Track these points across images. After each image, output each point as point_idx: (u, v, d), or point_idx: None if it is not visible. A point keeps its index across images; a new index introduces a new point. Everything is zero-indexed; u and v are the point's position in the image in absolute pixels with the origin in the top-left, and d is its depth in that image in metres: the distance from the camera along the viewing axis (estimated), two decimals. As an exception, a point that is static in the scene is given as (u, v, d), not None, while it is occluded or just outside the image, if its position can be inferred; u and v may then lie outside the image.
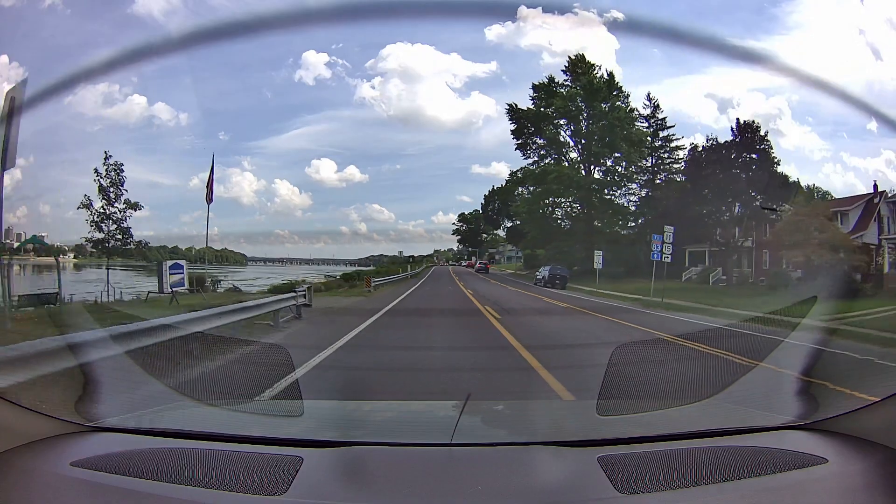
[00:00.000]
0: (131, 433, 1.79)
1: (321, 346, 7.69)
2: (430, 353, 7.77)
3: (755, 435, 1.77)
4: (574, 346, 8.60)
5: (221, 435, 1.77)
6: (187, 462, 1.50)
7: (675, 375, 5.47)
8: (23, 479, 1.42)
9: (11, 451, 1.53)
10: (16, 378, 3.60)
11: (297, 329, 10.27)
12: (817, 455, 1.53)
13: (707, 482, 1.41)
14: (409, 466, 1.52)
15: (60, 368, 3.99)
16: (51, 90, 5.42)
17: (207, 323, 7.41)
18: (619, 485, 1.38)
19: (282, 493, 1.35)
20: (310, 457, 1.53)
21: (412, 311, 14.30)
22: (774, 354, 7.52)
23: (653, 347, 7.86)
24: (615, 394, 2.61)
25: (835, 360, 7.53)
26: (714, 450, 1.60)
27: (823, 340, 8.38)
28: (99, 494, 1.37)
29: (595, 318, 12.39)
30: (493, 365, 6.95)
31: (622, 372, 2.86)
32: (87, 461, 1.51)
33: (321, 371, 6.23)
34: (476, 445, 1.73)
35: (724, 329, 10.64)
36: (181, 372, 5.74)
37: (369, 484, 1.44)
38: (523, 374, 6.12)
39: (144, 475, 1.43)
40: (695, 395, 4.04)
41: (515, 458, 1.59)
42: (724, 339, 9.04)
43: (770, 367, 6.18)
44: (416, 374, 6.15)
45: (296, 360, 5.61)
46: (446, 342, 8.94)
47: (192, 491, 1.36)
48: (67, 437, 1.69)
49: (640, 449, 1.62)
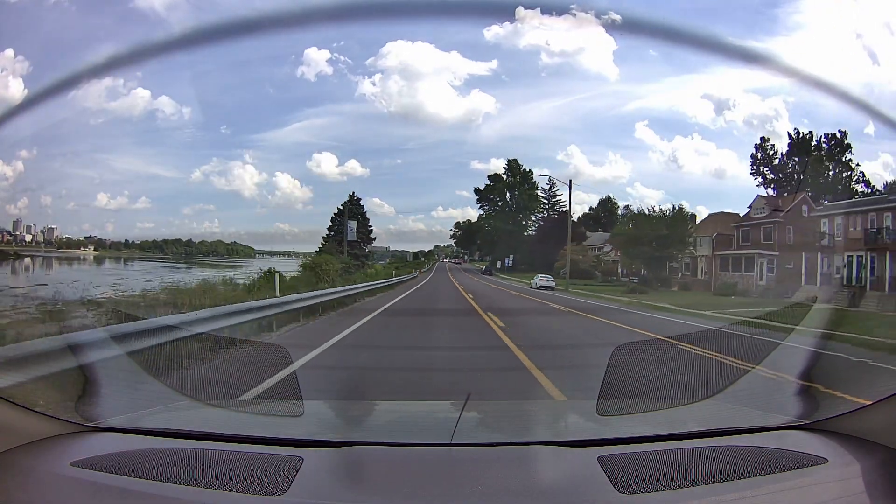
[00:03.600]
0: (131, 433, 1.79)
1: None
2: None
3: (755, 435, 1.77)
4: (485, 291, 20.03)
5: (221, 435, 1.77)
6: (187, 462, 1.50)
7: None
8: (23, 479, 1.42)
9: (11, 451, 1.53)
10: (16, 378, 3.60)
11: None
12: (817, 455, 1.53)
13: (707, 482, 1.41)
14: (409, 466, 1.52)
15: (61, 368, 3.99)
16: (55, 84, 5.37)
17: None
18: (619, 485, 1.38)
19: (282, 494, 1.35)
20: (310, 457, 1.53)
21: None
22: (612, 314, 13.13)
23: (653, 347, 7.90)
24: (614, 393, 2.61)
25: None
26: (714, 450, 1.60)
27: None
28: (99, 494, 1.37)
29: (491, 280, 25.70)
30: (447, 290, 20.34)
31: (622, 371, 2.86)
32: (87, 461, 1.51)
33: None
34: (476, 445, 1.73)
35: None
36: (182, 371, 5.75)
37: (369, 484, 1.44)
38: (455, 289, 19.20)
39: (144, 475, 1.43)
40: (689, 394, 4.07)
41: (515, 459, 1.59)
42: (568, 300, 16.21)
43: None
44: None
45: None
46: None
47: (192, 491, 1.36)
48: (67, 437, 1.69)
49: (640, 449, 1.62)
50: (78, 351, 4.13)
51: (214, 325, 6.90)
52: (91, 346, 4.38)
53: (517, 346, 7.82)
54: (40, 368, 3.83)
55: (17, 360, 3.75)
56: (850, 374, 6.69)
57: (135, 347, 5.03)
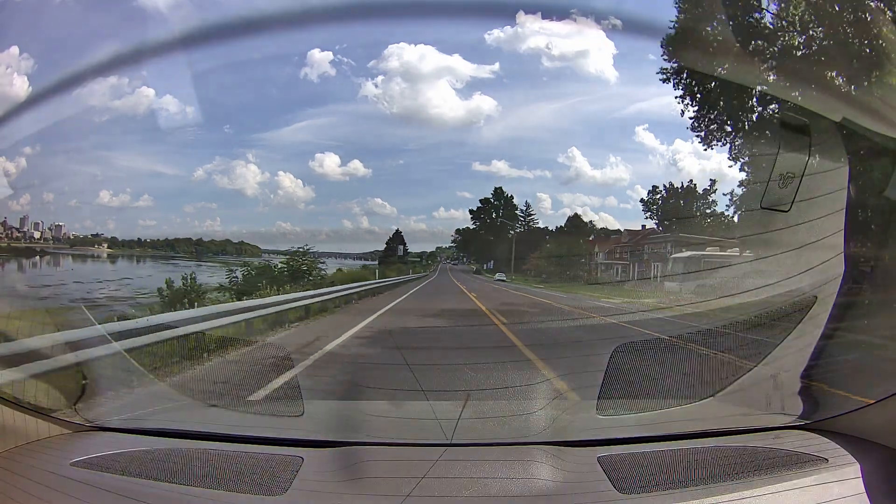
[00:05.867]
0: (131, 433, 1.79)
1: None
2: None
3: (755, 435, 1.76)
4: (465, 279, 22.52)
5: (221, 435, 1.77)
6: (187, 462, 1.50)
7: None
8: (23, 479, 1.42)
9: (12, 451, 1.53)
10: (14, 377, 3.58)
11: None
12: (817, 455, 1.53)
13: (707, 482, 1.40)
14: (408, 466, 1.52)
15: (60, 367, 3.97)
16: (59, 82, 5.42)
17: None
18: (619, 485, 1.38)
19: (282, 493, 1.34)
20: (310, 457, 1.53)
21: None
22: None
23: (653, 347, 7.88)
24: (615, 393, 2.60)
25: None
26: (714, 450, 1.60)
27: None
28: (99, 494, 1.37)
29: (475, 276, 25.95)
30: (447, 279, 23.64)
31: (622, 371, 2.85)
32: (87, 461, 1.51)
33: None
34: (476, 445, 1.72)
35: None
36: (183, 370, 5.74)
37: (369, 483, 1.43)
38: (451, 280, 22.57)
39: (144, 475, 1.43)
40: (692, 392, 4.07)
41: (515, 458, 1.58)
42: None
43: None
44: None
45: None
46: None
47: (192, 491, 1.36)
48: (67, 437, 1.69)
49: (640, 449, 1.62)
50: (77, 349, 4.11)
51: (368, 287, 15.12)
52: (90, 344, 4.36)
53: (467, 289, 17.75)
54: (40, 367, 3.81)
55: (15, 359, 3.73)
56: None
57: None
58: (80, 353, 4.15)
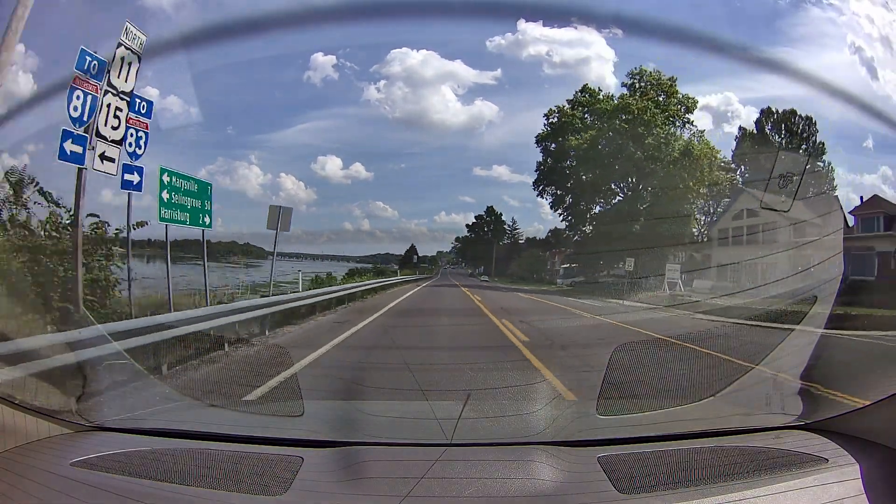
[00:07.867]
0: (131, 433, 1.79)
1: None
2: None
3: (755, 435, 1.76)
4: (461, 281, 28.79)
5: (221, 435, 1.77)
6: (187, 462, 1.50)
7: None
8: (23, 479, 1.42)
9: (11, 451, 1.53)
10: (14, 377, 3.58)
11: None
12: (817, 455, 1.53)
13: (707, 482, 1.40)
14: (408, 466, 1.51)
15: (60, 367, 3.97)
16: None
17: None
18: (619, 485, 1.38)
19: (282, 493, 1.34)
20: (310, 457, 1.53)
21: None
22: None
23: (654, 347, 7.91)
24: (615, 394, 2.60)
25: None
26: (714, 450, 1.60)
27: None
28: (99, 494, 1.37)
29: (469, 279, 30.55)
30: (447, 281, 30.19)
31: (622, 371, 2.85)
32: (87, 461, 1.51)
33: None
34: (476, 445, 1.72)
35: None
36: (184, 369, 5.74)
37: (369, 484, 1.43)
38: (450, 281, 29.44)
39: (144, 475, 1.43)
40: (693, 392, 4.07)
41: (515, 458, 1.58)
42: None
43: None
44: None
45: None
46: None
47: (192, 491, 1.36)
48: (67, 437, 1.69)
49: (640, 449, 1.62)
50: (77, 349, 4.11)
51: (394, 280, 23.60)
52: (90, 344, 4.36)
53: (458, 283, 26.34)
54: (40, 367, 3.81)
55: (16, 359, 3.74)
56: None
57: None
58: (80, 353, 4.15)
